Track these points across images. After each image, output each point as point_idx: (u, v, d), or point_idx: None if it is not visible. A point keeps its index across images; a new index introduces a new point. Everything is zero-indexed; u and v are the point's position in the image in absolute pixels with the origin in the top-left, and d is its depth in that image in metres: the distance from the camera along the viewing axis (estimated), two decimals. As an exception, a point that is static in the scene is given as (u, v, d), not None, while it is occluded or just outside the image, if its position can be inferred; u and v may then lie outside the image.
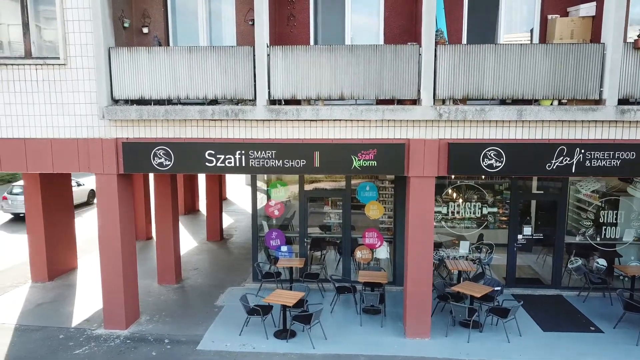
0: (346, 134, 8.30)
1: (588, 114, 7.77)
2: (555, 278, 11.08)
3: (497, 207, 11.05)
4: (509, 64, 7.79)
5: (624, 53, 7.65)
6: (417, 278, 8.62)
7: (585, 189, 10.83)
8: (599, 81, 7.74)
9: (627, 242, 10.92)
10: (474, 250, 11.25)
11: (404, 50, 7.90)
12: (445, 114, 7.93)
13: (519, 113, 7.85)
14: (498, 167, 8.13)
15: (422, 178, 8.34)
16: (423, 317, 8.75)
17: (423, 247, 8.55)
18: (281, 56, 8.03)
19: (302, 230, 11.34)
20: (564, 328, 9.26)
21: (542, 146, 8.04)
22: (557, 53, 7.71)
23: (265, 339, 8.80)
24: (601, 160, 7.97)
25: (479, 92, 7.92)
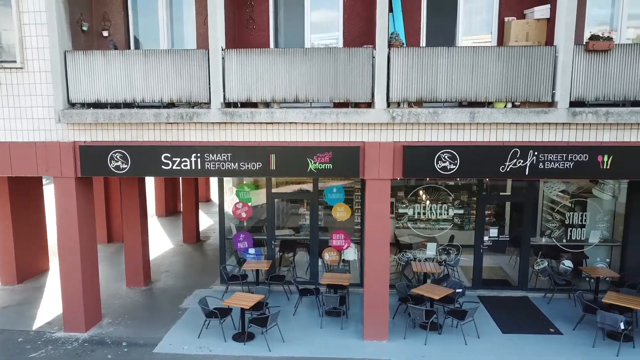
0: (302, 136, 8.31)
1: (540, 117, 7.78)
2: (522, 280, 11.09)
3: (463, 208, 11.06)
4: (461, 67, 7.80)
5: (576, 55, 7.66)
6: (374, 280, 8.63)
7: (551, 190, 10.84)
8: (552, 84, 7.76)
9: (593, 243, 10.93)
10: (440, 252, 11.26)
11: (357, 53, 7.90)
12: (399, 117, 7.94)
13: (471, 116, 7.86)
14: (452, 169, 8.14)
15: (378, 180, 8.35)
16: (381, 319, 8.75)
17: (380, 250, 8.56)
18: (236, 59, 8.04)
19: (269, 232, 11.34)
20: (523, 330, 9.27)
21: (496, 148, 8.05)
22: (509, 55, 7.72)
23: (223, 342, 8.80)
24: (554, 162, 7.98)
25: (432, 95, 7.93)
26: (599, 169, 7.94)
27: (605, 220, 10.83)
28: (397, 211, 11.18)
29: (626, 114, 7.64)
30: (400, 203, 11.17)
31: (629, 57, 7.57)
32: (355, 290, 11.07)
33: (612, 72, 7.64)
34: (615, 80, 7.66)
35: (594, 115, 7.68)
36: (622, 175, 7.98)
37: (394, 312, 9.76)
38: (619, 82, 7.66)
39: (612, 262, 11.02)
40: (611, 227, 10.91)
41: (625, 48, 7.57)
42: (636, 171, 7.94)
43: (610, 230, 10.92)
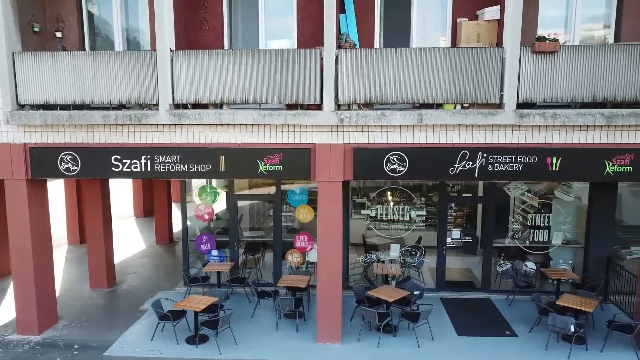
0: (252, 138, 8.26)
1: (488, 118, 7.75)
2: (485, 281, 11.06)
3: (426, 209, 11.03)
4: (409, 68, 7.76)
5: (523, 57, 7.62)
6: (326, 282, 8.59)
7: (513, 192, 10.81)
8: (500, 85, 7.72)
9: (556, 245, 10.90)
10: (404, 253, 11.22)
11: (306, 55, 7.86)
12: (347, 118, 7.90)
13: (419, 117, 7.82)
14: (401, 171, 8.10)
15: (329, 182, 8.30)
16: (334, 321, 8.71)
17: (332, 251, 8.52)
18: (184, 61, 7.99)
19: (232, 234, 11.30)
20: (479, 332, 9.23)
21: (445, 150, 8.01)
22: (457, 57, 7.68)
23: (175, 345, 8.76)
24: (503, 164, 7.95)
25: (381, 97, 7.89)
26: (548, 171, 7.90)
27: (568, 221, 10.80)
28: (360, 212, 11.14)
29: (573, 115, 7.61)
30: (364, 204, 11.13)
31: (575, 58, 7.54)
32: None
33: (560, 73, 7.61)
34: (562, 82, 7.62)
35: (541, 117, 7.65)
36: (570, 178, 7.98)
37: (351, 314, 9.72)
38: (566, 83, 7.62)
39: (576, 264, 10.99)
40: (575, 229, 10.88)
41: (571, 49, 7.54)
42: (585, 173, 7.91)
43: (574, 231, 10.89)
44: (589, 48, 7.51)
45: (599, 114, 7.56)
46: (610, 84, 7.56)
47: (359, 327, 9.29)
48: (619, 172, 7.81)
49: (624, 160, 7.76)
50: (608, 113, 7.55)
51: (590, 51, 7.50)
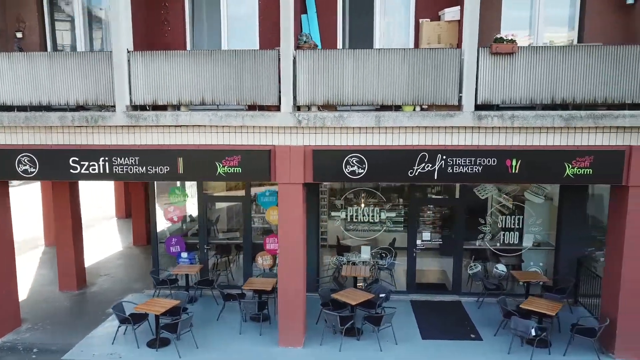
0: (210, 139, 8.18)
1: (446, 120, 7.67)
2: (456, 284, 10.98)
3: (395, 211, 10.96)
4: (367, 69, 7.69)
5: (482, 58, 7.55)
6: (287, 285, 8.51)
7: (483, 193, 10.73)
8: (458, 87, 7.64)
9: (526, 247, 10.82)
10: (374, 255, 11.15)
11: (262, 56, 7.78)
12: (305, 120, 7.82)
13: (377, 119, 7.74)
14: (361, 173, 8.02)
15: (290, 185, 8.22)
16: (295, 325, 8.64)
17: (293, 254, 8.44)
18: (141, 62, 7.91)
19: (201, 235, 11.21)
20: (444, 336, 9.16)
21: (404, 152, 7.93)
22: (415, 58, 7.61)
23: (136, 348, 8.67)
24: (463, 166, 7.87)
25: (339, 98, 7.82)
26: (508, 173, 7.83)
27: (538, 223, 10.72)
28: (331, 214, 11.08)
29: (531, 117, 7.53)
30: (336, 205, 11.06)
31: (533, 60, 7.46)
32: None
33: (518, 75, 7.53)
34: (521, 83, 7.55)
35: (500, 119, 7.57)
36: (530, 180, 7.90)
37: (317, 317, 9.64)
38: (525, 85, 7.54)
39: (548, 266, 10.91)
40: (547, 231, 10.80)
41: (529, 50, 7.46)
42: (544, 176, 7.83)
43: (546, 233, 10.81)
44: (547, 49, 7.44)
45: (558, 116, 7.49)
46: (569, 86, 7.49)
47: (324, 330, 9.20)
48: (579, 175, 7.73)
49: (584, 163, 7.68)
50: (566, 115, 7.48)
51: (549, 52, 7.43)
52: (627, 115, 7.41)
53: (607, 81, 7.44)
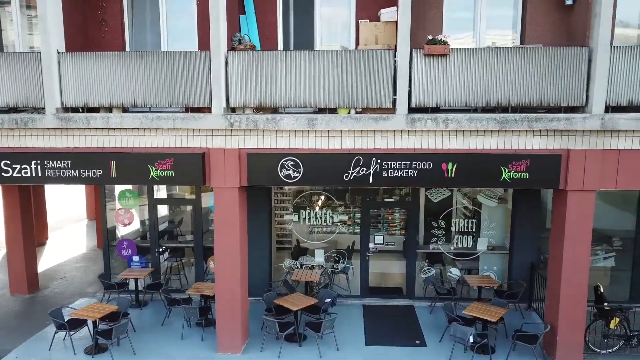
0: (144, 142, 8.03)
1: (379, 123, 7.52)
2: (410, 288, 10.83)
3: (348, 214, 10.81)
4: (300, 71, 7.54)
5: (416, 60, 7.39)
6: (224, 291, 8.36)
7: (434, 197, 10.58)
8: (392, 89, 7.49)
9: (481, 251, 10.67)
10: (327, 259, 10.99)
11: (194, 57, 7.63)
12: (237, 122, 7.67)
13: (310, 122, 7.59)
14: (296, 177, 7.87)
15: (225, 188, 8.07)
16: (233, 331, 8.49)
17: (229, 260, 8.28)
18: (72, 63, 7.76)
19: (152, 239, 11.06)
20: (389, 342, 9.01)
21: (339, 156, 7.78)
22: (347, 60, 7.45)
23: (72, 355, 8.53)
24: (398, 170, 7.72)
25: (272, 101, 7.67)
26: (444, 177, 7.68)
27: (492, 227, 10.57)
28: (282, 217, 10.93)
29: (465, 120, 7.38)
30: (288, 208, 10.91)
31: (467, 62, 7.31)
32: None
33: (453, 77, 7.38)
34: (455, 85, 7.39)
35: (433, 122, 7.42)
36: (467, 184, 7.75)
37: (262, 323, 9.47)
38: (459, 87, 7.39)
39: (503, 271, 10.76)
40: (502, 234, 10.65)
41: (463, 52, 7.31)
42: (481, 180, 7.68)
43: (502, 237, 10.66)
44: (481, 51, 7.28)
45: (492, 119, 7.34)
46: (504, 88, 7.34)
47: (267, 336, 9.05)
48: (516, 179, 7.58)
49: (520, 167, 7.53)
50: (500, 118, 7.33)
51: (482, 54, 7.28)
52: (562, 118, 7.27)
53: (543, 84, 7.29)
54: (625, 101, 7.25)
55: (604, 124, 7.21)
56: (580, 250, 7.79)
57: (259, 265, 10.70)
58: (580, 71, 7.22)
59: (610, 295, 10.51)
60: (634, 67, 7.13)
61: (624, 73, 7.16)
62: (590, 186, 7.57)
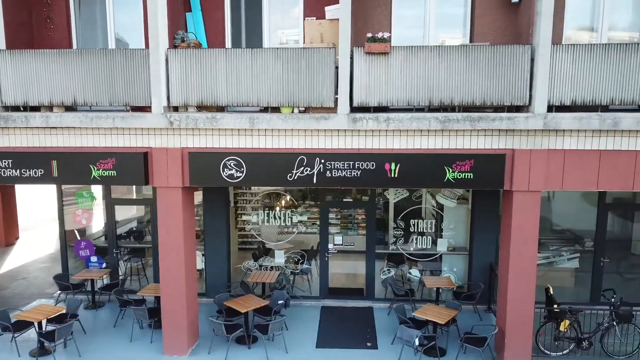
0: (85, 141, 7.90)
1: (321, 123, 7.40)
2: (369, 289, 10.71)
3: (307, 214, 10.69)
4: (241, 70, 7.41)
5: (357, 58, 7.27)
6: (169, 293, 8.23)
7: (393, 196, 10.46)
8: (334, 88, 7.37)
9: (440, 252, 10.56)
10: (287, 259, 10.88)
11: (134, 55, 7.50)
12: (177, 121, 7.54)
13: (251, 121, 7.47)
14: (239, 177, 7.75)
15: (168, 189, 7.94)
16: (179, 333, 8.36)
17: (174, 260, 8.16)
18: (10, 61, 7.63)
19: (110, 239, 10.93)
20: (340, 344, 8.89)
21: (282, 155, 7.66)
22: (288, 58, 7.32)
23: (17, 357, 8.40)
24: (342, 170, 7.60)
25: (213, 100, 7.54)
26: (388, 178, 7.56)
27: (451, 228, 10.46)
28: (241, 218, 10.82)
29: (407, 120, 7.26)
30: (246, 209, 10.80)
31: (409, 60, 7.18)
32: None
33: (395, 76, 7.25)
34: (398, 84, 7.27)
35: (375, 122, 7.30)
36: (411, 184, 7.61)
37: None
38: (401, 86, 7.27)
39: (464, 272, 10.65)
40: (463, 235, 10.54)
41: (404, 51, 7.18)
42: (425, 180, 7.56)
43: (463, 238, 10.55)
44: (422, 49, 7.16)
45: (434, 118, 7.23)
46: (446, 87, 7.21)
47: (218, 338, 8.93)
48: (460, 179, 7.47)
49: (464, 167, 7.42)
50: (442, 117, 7.22)
51: (424, 53, 7.15)
52: (505, 117, 7.15)
53: (486, 83, 7.17)
54: (568, 100, 7.13)
55: (547, 124, 7.09)
56: (527, 251, 7.68)
57: (218, 266, 10.60)
58: (523, 70, 7.10)
59: (573, 297, 10.47)
60: (577, 66, 7.02)
61: (567, 72, 7.04)
62: (536, 187, 7.46)
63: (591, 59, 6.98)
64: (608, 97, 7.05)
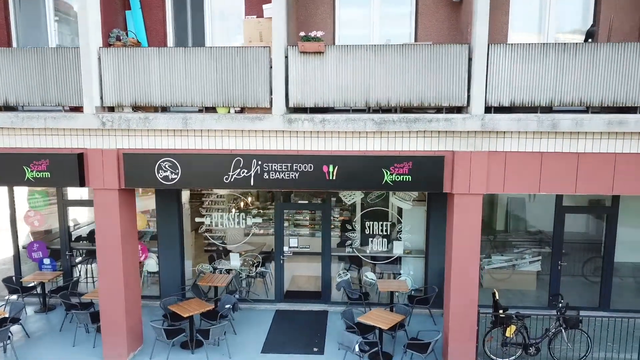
0: (20, 142, 7.72)
1: (255, 124, 7.23)
2: (325, 292, 10.54)
3: (262, 217, 10.52)
4: (175, 70, 7.24)
5: (292, 58, 7.10)
6: (107, 297, 8.06)
7: (349, 198, 10.30)
8: (269, 88, 7.19)
9: (397, 254, 10.39)
10: (243, 262, 10.71)
11: (65, 54, 7.33)
12: (109, 122, 7.37)
13: (184, 122, 7.29)
14: (174, 179, 7.57)
15: (104, 191, 7.76)
16: (118, 338, 8.18)
17: (111, 263, 7.97)
18: (-59, 59, 7.44)
19: (62, 241, 10.75)
20: (286, 349, 8.72)
21: (218, 157, 7.49)
22: (222, 57, 7.15)
23: (-48, 362, 8.23)
24: (280, 172, 7.42)
25: (147, 100, 7.37)
26: (325, 180, 7.39)
27: (407, 230, 10.29)
28: (194, 220, 10.64)
29: (342, 121, 7.09)
30: (199, 211, 10.62)
31: (344, 60, 7.01)
32: (151, 303, 10.50)
33: (330, 76, 7.08)
34: (333, 84, 7.10)
35: (310, 123, 7.13)
36: (349, 187, 7.43)
37: (160, 328, 9.19)
38: (337, 87, 7.10)
39: (422, 275, 10.48)
40: (419, 238, 10.37)
41: (339, 50, 7.01)
42: (363, 183, 7.38)
43: (419, 240, 10.38)
44: (358, 49, 6.99)
45: (370, 120, 7.05)
46: (382, 88, 7.04)
47: (163, 344, 8.75)
48: (399, 182, 7.30)
49: (402, 169, 7.24)
50: (378, 119, 7.04)
51: (360, 52, 6.98)
52: (442, 119, 6.98)
53: (424, 83, 7.00)
54: (507, 101, 6.96)
55: (484, 125, 6.92)
56: (469, 255, 7.51)
57: (172, 268, 10.43)
58: (461, 70, 6.94)
59: (533, 301, 10.33)
60: (515, 66, 6.85)
61: (505, 72, 6.87)
62: (477, 189, 7.29)
63: (529, 59, 6.82)
64: (547, 98, 6.88)
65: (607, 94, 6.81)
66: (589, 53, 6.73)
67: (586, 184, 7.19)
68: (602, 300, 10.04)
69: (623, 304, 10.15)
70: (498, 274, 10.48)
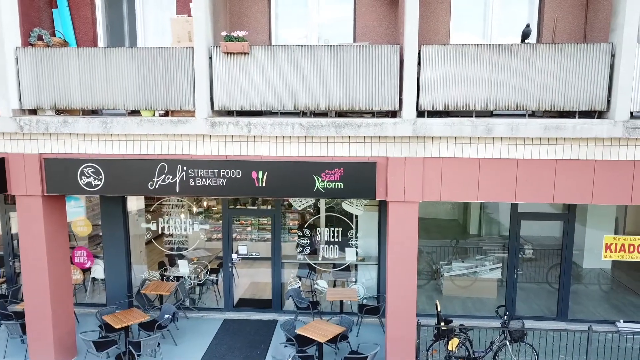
0: (-63, 147, 7.37)
1: (178, 127, 6.88)
2: (276, 301, 10.20)
3: (209, 223, 10.17)
4: (95, 71, 6.90)
5: (216, 59, 6.76)
6: (33, 305, 7.72)
7: (299, 204, 9.95)
8: (192, 90, 6.85)
9: (349, 262, 10.05)
10: (192, 270, 10.36)
11: (-19, 54, 6.98)
12: (27, 126, 7.02)
13: (104, 126, 6.95)
14: (98, 185, 7.23)
15: (27, 197, 7.42)
16: (44, 350, 7.85)
17: (35, 271, 7.63)
18: None
19: (5, 246, 10.41)
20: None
21: (142, 162, 7.14)
22: (144, 58, 6.82)
23: None
24: (206, 178, 7.09)
25: (67, 102, 7.03)
26: (255, 187, 7.05)
27: (360, 236, 9.95)
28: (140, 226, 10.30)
29: (269, 125, 6.75)
30: (146, 217, 10.27)
31: (271, 61, 6.67)
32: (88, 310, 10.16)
33: (256, 78, 6.75)
34: (259, 87, 6.76)
35: (236, 127, 6.79)
36: (279, 194, 7.09)
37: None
38: (263, 89, 6.76)
39: (375, 283, 10.14)
40: (373, 245, 10.03)
41: (266, 51, 6.68)
42: (294, 190, 7.04)
43: (373, 247, 10.04)
44: (284, 49, 6.65)
45: (297, 124, 6.71)
46: (311, 91, 6.71)
47: (87, 355, 8.42)
48: (330, 189, 6.96)
49: (334, 176, 6.91)
50: (306, 123, 6.70)
51: (287, 53, 6.64)
52: (372, 124, 6.64)
53: (354, 86, 6.66)
54: (441, 105, 6.63)
55: (416, 130, 6.59)
56: (406, 264, 7.18)
57: (118, 275, 10.08)
58: (393, 72, 6.60)
59: (492, 311, 9.97)
60: (448, 68, 6.51)
61: (439, 74, 6.54)
62: (413, 197, 6.96)
63: (463, 60, 6.48)
64: (482, 101, 6.55)
65: (545, 97, 6.47)
66: (525, 54, 6.40)
67: (526, 191, 6.86)
68: (559, 310, 9.71)
69: (585, 313, 9.81)
70: (460, 281, 10.15)
